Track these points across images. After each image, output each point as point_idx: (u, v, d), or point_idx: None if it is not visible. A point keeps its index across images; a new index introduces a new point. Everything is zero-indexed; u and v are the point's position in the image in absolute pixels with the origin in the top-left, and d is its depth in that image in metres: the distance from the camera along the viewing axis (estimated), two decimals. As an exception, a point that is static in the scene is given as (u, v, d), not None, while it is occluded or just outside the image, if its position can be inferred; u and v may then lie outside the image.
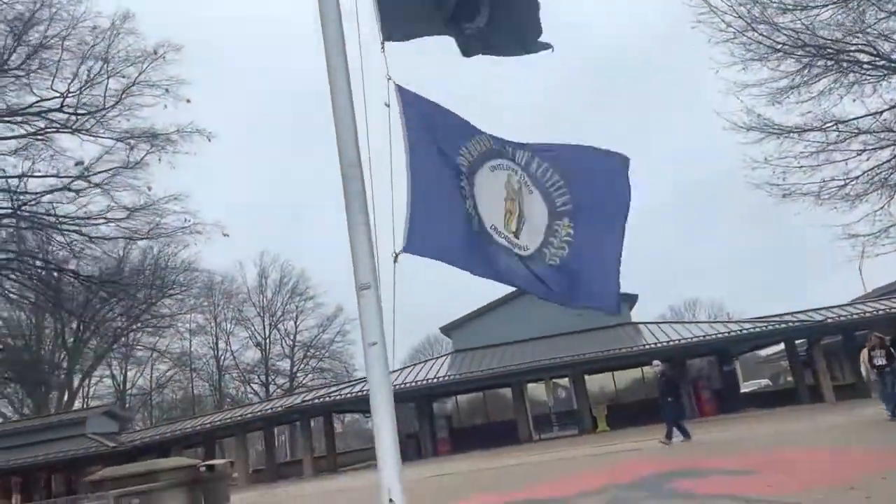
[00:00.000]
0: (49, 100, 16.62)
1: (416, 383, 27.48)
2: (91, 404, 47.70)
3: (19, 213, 16.34)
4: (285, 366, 58.11)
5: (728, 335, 26.76)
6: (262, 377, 56.98)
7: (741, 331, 26.98)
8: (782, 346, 30.89)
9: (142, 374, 55.94)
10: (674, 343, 26.69)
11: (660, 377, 16.55)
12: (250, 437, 37.53)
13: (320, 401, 27.46)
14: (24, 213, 16.39)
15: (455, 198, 4.23)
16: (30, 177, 16.92)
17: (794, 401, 26.64)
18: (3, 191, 16.67)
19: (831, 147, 17.79)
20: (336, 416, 51.50)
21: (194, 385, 58.67)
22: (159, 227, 18.85)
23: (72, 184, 16.90)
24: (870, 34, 16.95)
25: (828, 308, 27.87)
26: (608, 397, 30.93)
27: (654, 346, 26.92)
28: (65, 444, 29.61)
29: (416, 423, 30.08)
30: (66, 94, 16.54)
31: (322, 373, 57.91)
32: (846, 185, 17.74)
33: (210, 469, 16.03)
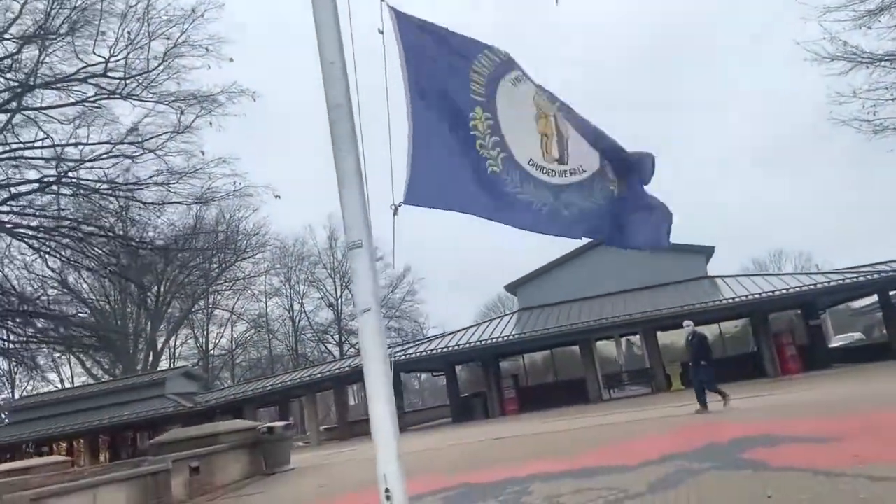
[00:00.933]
0: (93, 65, 16.64)
1: (480, 342, 27.06)
2: (177, 364, 49.87)
3: (65, 179, 16.56)
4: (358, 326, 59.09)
5: (814, 287, 24.99)
6: (336, 337, 58.13)
7: (829, 283, 25.12)
8: (875, 297, 28.77)
9: (222, 335, 57.96)
10: (753, 297, 25.14)
11: (690, 338, 15.09)
12: (328, 395, 38.30)
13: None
14: (70, 178, 16.62)
15: (465, 141, 3.64)
16: (84, 144, 17.13)
17: (889, 356, 24.76)
18: (53, 159, 16.87)
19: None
20: (414, 374, 52.31)
21: (272, 345, 60.51)
22: (210, 190, 18.82)
23: (126, 150, 16.99)
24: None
25: (927, 255, 25.61)
26: (682, 355, 29.66)
27: (731, 300, 25.47)
28: (146, 404, 30.83)
29: (483, 382, 29.78)
30: (108, 59, 16.48)
31: (395, 332, 58.68)
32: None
33: (270, 431, 16.17)
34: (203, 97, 17.35)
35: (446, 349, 27.29)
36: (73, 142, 17.12)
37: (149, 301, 42.63)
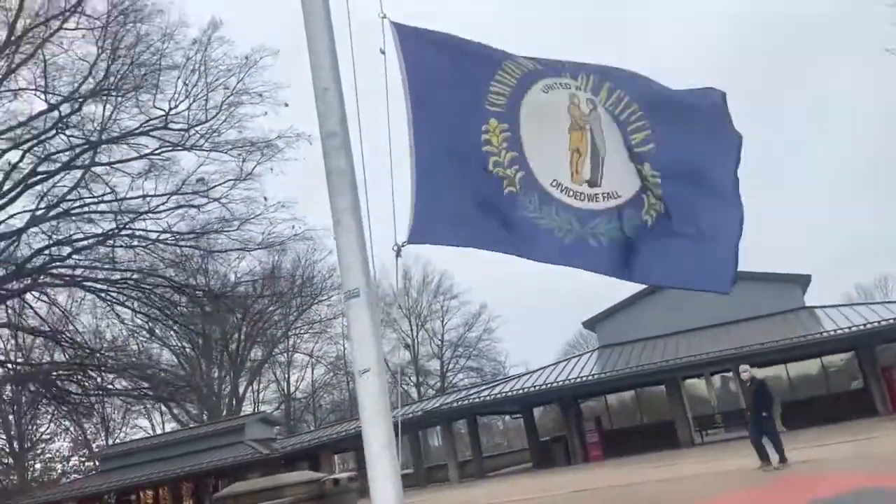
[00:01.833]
0: (155, 119, 16.98)
1: (558, 383, 25.79)
2: (260, 409, 50.38)
3: (125, 231, 16.82)
4: (435, 366, 58.59)
5: (928, 316, 22.58)
6: (413, 378, 57.65)
7: (946, 310, 22.69)
8: None
9: (303, 378, 58.45)
10: (858, 328, 22.95)
11: (748, 385, 13.43)
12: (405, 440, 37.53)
13: (458, 404, 26.54)
14: (131, 230, 16.88)
15: (476, 160, 3.20)
16: (151, 196, 17.43)
17: None
18: (115, 213, 17.20)
19: None
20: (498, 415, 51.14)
21: (351, 387, 60.56)
22: (272, 235, 18.73)
23: (192, 200, 17.19)
24: None
25: None
26: (782, 393, 27.38)
27: (833, 332, 23.33)
28: (225, 451, 30.87)
29: (564, 424, 28.34)
30: (168, 111, 16.80)
31: (474, 372, 57.78)
32: None
33: (335, 483, 15.55)
34: (262, 144, 17.45)
35: (522, 391, 26.16)
36: (138, 195, 17.57)
37: (228, 346, 43.39)
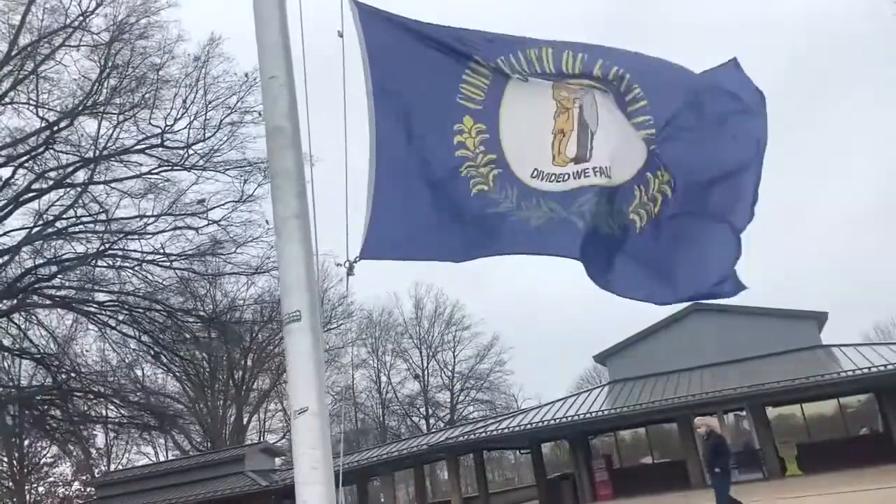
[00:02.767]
0: (150, 137, 16.81)
1: (566, 419, 25.03)
2: (266, 438, 49.63)
3: (111, 251, 16.53)
4: (445, 397, 57.72)
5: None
6: (422, 410, 56.74)
7: (969, 351, 21.86)
8: None
9: (309, 409, 57.75)
10: (878, 369, 22.12)
11: (705, 439, 12.85)
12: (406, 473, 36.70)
13: (463, 438, 25.79)
14: (116, 250, 16.55)
15: (442, 160, 2.97)
16: (149, 217, 17.16)
17: None
18: (105, 232, 16.92)
19: None
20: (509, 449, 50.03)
21: (359, 418, 59.64)
22: (270, 259, 18.36)
23: (191, 221, 16.91)
24: None
25: None
26: (798, 434, 26.46)
27: (851, 372, 22.49)
28: (225, 481, 30.24)
29: (572, 462, 27.51)
30: (164, 129, 16.59)
31: (482, 404, 56.86)
32: None
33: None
34: (263, 164, 17.08)
35: (529, 426, 25.41)
36: (133, 215, 17.33)
37: (234, 374, 42.82)
